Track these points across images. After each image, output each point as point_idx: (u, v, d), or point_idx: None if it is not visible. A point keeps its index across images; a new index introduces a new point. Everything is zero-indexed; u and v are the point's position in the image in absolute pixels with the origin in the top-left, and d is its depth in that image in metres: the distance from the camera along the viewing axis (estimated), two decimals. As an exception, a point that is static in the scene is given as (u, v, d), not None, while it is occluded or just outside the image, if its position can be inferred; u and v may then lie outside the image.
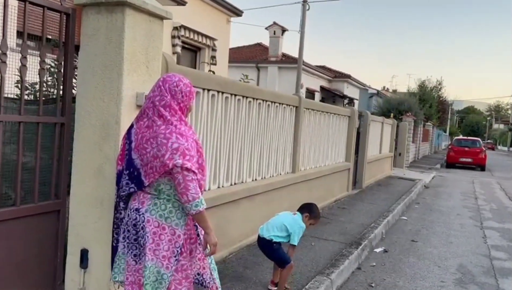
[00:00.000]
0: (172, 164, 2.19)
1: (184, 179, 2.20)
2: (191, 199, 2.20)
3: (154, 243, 2.28)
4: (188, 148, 2.23)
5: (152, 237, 2.28)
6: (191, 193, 2.20)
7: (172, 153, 2.20)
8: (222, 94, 4.33)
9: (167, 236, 2.29)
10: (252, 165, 5.13)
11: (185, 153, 2.21)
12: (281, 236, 3.68)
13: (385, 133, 13.38)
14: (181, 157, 2.19)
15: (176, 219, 2.32)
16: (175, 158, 2.19)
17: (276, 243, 3.67)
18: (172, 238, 2.30)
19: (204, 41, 11.76)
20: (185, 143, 2.23)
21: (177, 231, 2.31)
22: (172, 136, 2.24)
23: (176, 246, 2.30)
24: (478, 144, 21.91)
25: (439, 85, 35.64)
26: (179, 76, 2.43)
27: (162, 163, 2.22)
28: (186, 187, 2.20)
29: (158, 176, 2.26)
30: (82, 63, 2.89)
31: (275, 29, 21.55)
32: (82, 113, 2.89)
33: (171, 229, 2.30)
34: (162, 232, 2.29)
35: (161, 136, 2.24)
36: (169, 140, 2.22)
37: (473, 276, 4.99)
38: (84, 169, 2.88)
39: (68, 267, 2.91)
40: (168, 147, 2.21)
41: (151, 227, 2.28)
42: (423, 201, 10.18)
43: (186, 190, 2.20)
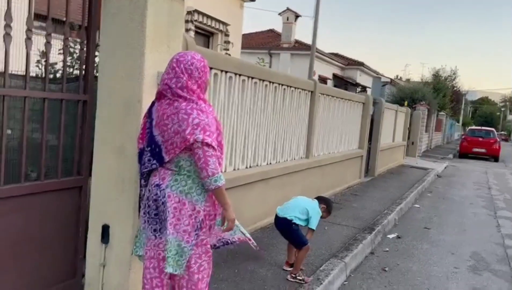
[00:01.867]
0: (193, 139, 2.21)
1: (204, 154, 2.22)
2: (210, 174, 2.22)
3: (175, 217, 2.32)
4: (209, 124, 2.26)
5: (173, 212, 2.32)
6: (211, 169, 2.22)
7: (193, 128, 2.22)
8: (240, 76, 4.33)
9: (187, 211, 2.33)
10: (267, 149, 5.15)
11: (205, 128, 2.23)
12: (301, 219, 3.75)
13: (398, 122, 13.28)
14: (201, 133, 2.22)
15: (196, 195, 2.35)
16: (195, 133, 2.21)
17: (295, 224, 3.72)
18: (192, 213, 2.34)
19: (217, 26, 11.71)
20: (206, 119, 2.26)
21: (197, 206, 2.34)
22: (193, 112, 2.26)
23: (197, 221, 2.34)
24: (492, 134, 21.64)
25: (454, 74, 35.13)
26: (191, 53, 2.42)
27: (183, 138, 2.24)
28: (206, 162, 2.22)
29: (179, 152, 2.29)
30: (104, 42, 2.90)
31: (288, 15, 21.35)
32: (104, 92, 2.91)
33: (191, 204, 2.34)
34: (183, 207, 2.33)
35: (182, 112, 2.27)
36: (190, 116, 2.25)
37: (487, 264, 4.99)
38: (106, 147, 2.91)
39: (89, 243, 2.97)
40: (189, 122, 2.24)
41: (172, 202, 2.32)
42: (436, 190, 10.14)
43: (206, 165, 2.22)
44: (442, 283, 4.25)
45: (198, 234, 2.37)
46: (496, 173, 15.24)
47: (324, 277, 3.76)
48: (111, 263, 2.90)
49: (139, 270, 2.88)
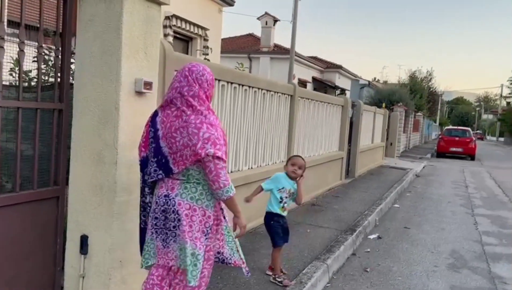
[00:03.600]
0: (204, 153, 2.25)
1: (216, 167, 2.27)
2: (222, 186, 2.28)
3: (187, 225, 2.35)
4: (218, 138, 2.30)
5: (185, 219, 2.35)
6: (222, 180, 2.28)
7: (204, 142, 2.26)
8: (219, 82, 4.32)
9: (198, 217, 2.37)
10: (248, 153, 5.15)
11: (215, 142, 2.27)
12: (271, 200, 3.74)
13: (377, 123, 13.48)
14: (212, 147, 2.26)
15: (206, 200, 2.40)
16: (206, 147, 2.25)
17: (269, 213, 3.73)
18: (202, 219, 2.38)
19: (196, 31, 11.68)
20: (215, 133, 2.30)
21: (207, 212, 2.40)
22: (203, 126, 2.29)
23: (206, 226, 2.39)
24: (468, 134, 22.13)
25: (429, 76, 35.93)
26: (202, 65, 2.49)
27: (193, 152, 2.27)
28: (217, 175, 2.27)
29: (189, 164, 2.32)
30: (79, 49, 2.86)
31: (267, 20, 21.47)
32: (80, 99, 2.87)
33: (201, 210, 2.38)
34: (194, 213, 2.36)
35: (192, 126, 2.30)
36: (200, 130, 2.28)
37: (466, 261, 5.09)
38: (83, 155, 2.87)
39: (68, 254, 2.91)
40: (199, 136, 2.27)
41: (183, 210, 2.35)
42: (415, 189, 10.31)
43: (218, 178, 2.27)
44: (423, 282, 4.31)
45: (206, 239, 2.40)
46: (472, 171, 15.59)
47: (307, 280, 3.77)
48: (90, 274, 2.85)
49: (120, 281, 2.85)
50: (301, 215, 6.05)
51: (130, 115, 2.81)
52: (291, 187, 3.75)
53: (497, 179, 13.64)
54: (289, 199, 3.76)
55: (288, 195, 3.74)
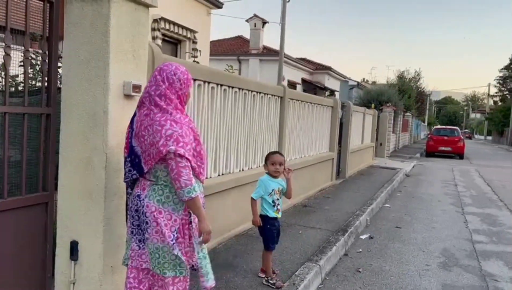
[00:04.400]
0: (165, 150, 2.23)
1: (177, 165, 2.23)
2: (183, 186, 2.23)
3: (155, 228, 2.33)
4: (182, 135, 2.26)
5: (153, 222, 2.33)
6: (184, 180, 2.23)
7: (166, 139, 2.23)
8: (208, 84, 4.31)
9: (163, 220, 2.33)
10: (239, 156, 5.14)
11: (178, 139, 2.24)
12: (264, 204, 3.70)
13: (366, 124, 13.55)
14: (174, 144, 2.22)
15: (173, 203, 2.36)
16: (168, 144, 2.22)
17: (264, 217, 3.69)
18: (168, 222, 2.34)
19: (185, 34, 11.65)
20: (179, 130, 2.26)
21: (173, 215, 2.35)
22: (166, 123, 2.27)
23: (172, 230, 2.34)
24: (457, 133, 22.35)
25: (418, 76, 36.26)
26: (176, 64, 2.46)
27: (157, 149, 2.25)
28: (178, 174, 2.23)
29: (155, 163, 2.30)
30: (67, 53, 2.83)
31: (256, 22, 21.50)
32: (68, 104, 2.84)
33: (167, 213, 2.34)
34: (159, 216, 2.33)
35: (156, 124, 2.28)
36: (163, 127, 2.26)
37: (457, 259, 5.13)
38: (72, 160, 2.83)
39: (58, 260, 2.87)
40: (162, 134, 2.25)
41: (150, 212, 2.34)
42: (405, 189, 10.37)
43: (179, 177, 2.23)
44: (415, 281, 4.33)
45: (174, 243, 2.34)
46: (461, 170, 15.74)
47: (300, 281, 3.76)
48: (81, 280, 2.81)
49: (111, 286, 2.81)
50: (292, 217, 6.05)
51: (119, 119, 2.78)
52: (279, 186, 3.73)
53: (486, 177, 13.79)
54: (280, 199, 3.75)
55: (279, 195, 3.73)
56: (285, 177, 3.72)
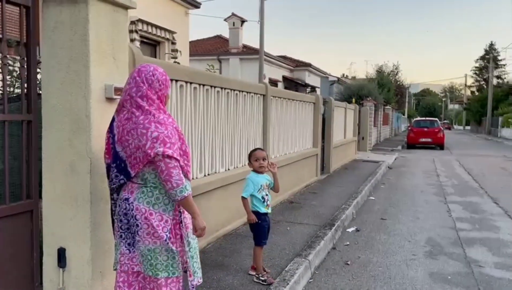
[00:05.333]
0: (153, 153, 2.22)
1: (167, 167, 2.22)
2: (175, 186, 2.23)
3: (146, 230, 2.32)
4: (168, 136, 2.25)
5: (144, 225, 2.32)
6: (175, 180, 2.23)
7: (153, 142, 2.22)
8: (191, 85, 4.30)
9: (155, 221, 2.32)
10: (224, 155, 5.14)
11: (165, 141, 2.23)
12: (254, 202, 3.72)
13: (348, 119, 13.69)
14: (161, 145, 2.22)
15: (163, 205, 2.35)
16: (156, 146, 2.21)
17: (256, 213, 3.70)
18: (159, 223, 2.33)
19: (163, 35, 11.57)
20: (165, 131, 2.26)
21: (164, 216, 2.35)
22: (151, 125, 2.26)
23: (165, 231, 2.34)
24: (436, 124, 22.77)
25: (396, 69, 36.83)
26: (154, 66, 2.44)
27: (144, 153, 2.24)
28: (169, 174, 2.23)
29: (143, 166, 2.29)
30: (46, 58, 2.79)
31: (234, 20, 21.47)
32: (49, 109, 2.79)
33: (158, 214, 2.34)
34: (150, 217, 2.32)
35: (140, 127, 2.27)
36: (148, 130, 2.25)
37: (442, 248, 5.23)
38: (55, 167, 2.80)
39: (46, 268, 2.83)
40: (148, 136, 2.23)
41: (140, 215, 2.33)
42: (388, 181, 10.52)
43: (170, 177, 2.23)
44: (402, 271, 4.41)
45: (167, 243, 2.34)
46: (442, 160, 16.04)
47: (290, 277, 3.79)
48: (70, 287, 2.78)
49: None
50: (280, 213, 6.08)
51: (102, 123, 2.75)
52: (266, 181, 3.77)
53: (466, 166, 14.09)
54: (269, 194, 3.78)
55: (267, 191, 3.76)
56: (270, 171, 3.75)
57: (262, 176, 3.76)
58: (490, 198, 8.52)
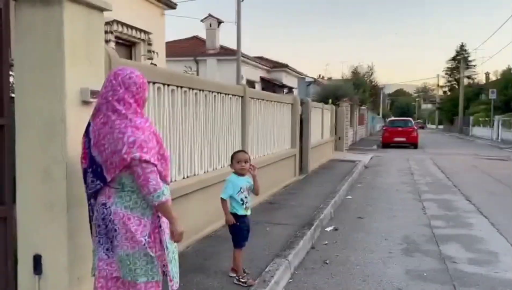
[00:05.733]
0: (130, 158, 2.19)
1: (144, 172, 2.20)
2: (152, 191, 2.21)
3: (124, 235, 2.30)
4: (145, 140, 2.23)
5: (122, 230, 2.30)
6: (152, 185, 2.21)
7: (129, 146, 2.20)
8: (168, 87, 4.27)
9: (133, 226, 2.30)
10: (203, 157, 5.12)
11: (142, 145, 2.21)
12: (232, 203, 3.72)
13: (325, 119, 13.84)
14: (138, 150, 2.19)
15: (141, 209, 2.33)
16: (132, 151, 2.19)
17: (233, 215, 3.70)
18: (138, 228, 2.31)
19: (139, 36, 11.42)
20: (142, 135, 2.23)
21: (142, 220, 2.33)
22: (127, 130, 2.23)
23: (143, 235, 2.32)
24: (410, 123, 23.27)
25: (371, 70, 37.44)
26: (130, 69, 2.41)
27: (120, 157, 2.21)
28: (146, 179, 2.21)
29: (119, 171, 2.26)
30: (19, 60, 2.73)
31: (211, 22, 21.42)
32: (23, 113, 2.73)
33: (136, 219, 2.32)
34: (128, 222, 2.30)
35: (116, 131, 2.24)
36: (125, 135, 2.22)
37: (418, 245, 5.35)
38: (30, 172, 2.74)
39: (21, 275, 2.76)
40: (124, 141, 2.21)
41: (118, 219, 2.30)
42: (365, 180, 10.69)
43: (147, 182, 2.21)
44: (379, 268, 4.49)
45: (146, 247, 2.32)
46: (416, 159, 16.40)
47: (270, 278, 3.81)
48: (47, 295, 2.72)
49: (79, 298, 2.73)
50: (259, 214, 6.09)
51: (77, 127, 2.70)
52: (246, 183, 3.77)
53: (440, 164, 14.44)
54: (249, 197, 3.78)
55: (247, 193, 3.76)
56: (250, 174, 3.76)
57: (243, 179, 3.76)
58: (463, 195, 8.76)
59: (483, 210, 7.32)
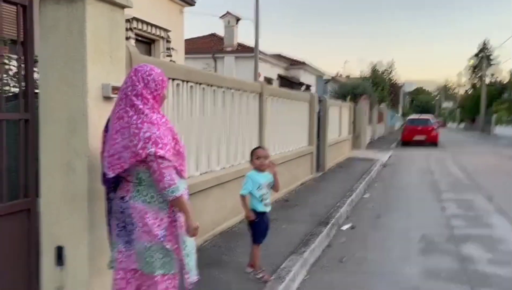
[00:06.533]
0: (145, 153, 2.23)
1: (159, 167, 2.24)
2: (167, 186, 2.25)
3: (142, 228, 2.34)
4: (160, 136, 2.26)
5: (139, 223, 2.34)
6: (167, 180, 2.25)
7: (145, 142, 2.23)
8: (187, 83, 4.31)
9: (150, 220, 2.34)
10: (220, 154, 5.16)
11: (157, 141, 2.24)
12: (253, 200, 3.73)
13: (343, 117, 13.75)
14: (153, 146, 2.23)
15: (158, 203, 2.37)
16: (147, 147, 2.23)
17: (253, 211, 3.71)
18: (155, 221, 2.35)
19: (158, 33, 11.53)
20: (157, 131, 2.27)
21: (160, 214, 2.37)
22: (143, 125, 2.26)
23: (161, 228, 2.36)
24: (430, 122, 22.89)
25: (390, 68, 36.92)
26: (151, 66, 2.45)
27: (133, 153, 2.25)
28: (161, 175, 2.25)
29: (126, 166, 2.28)
30: (43, 56, 2.80)
31: (229, 19, 21.43)
32: (47, 108, 2.80)
33: (153, 213, 2.35)
34: (145, 216, 2.34)
35: (133, 126, 2.27)
36: (141, 130, 2.25)
37: (436, 244, 5.29)
38: (53, 166, 2.80)
39: (44, 266, 2.84)
40: (140, 137, 2.24)
41: (136, 213, 2.34)
42: (383, 179, 10.59)
43: (162, 177, 2.25)
44: (397, 268, 4.45)
45: (163, 241, 2.36)
46: (436, 158, 16.14)
47: (286, 274, 3.82)
48: (68, 286, 2.79)
49: (99, 289, 2.80)
50: (275, 212, 6.09)
51: (99, 121, 2.75)
52: (266, 179, 3.77)
53: (460, 163, 14.19)
54: (268, 193, 3.78)
55: (267, 190, 3.76)
56: (270, 170, 3.77)
57: (263, 175, 3.77)
58: (484, 195, 8.60)
59: (504, 211, 7.18)
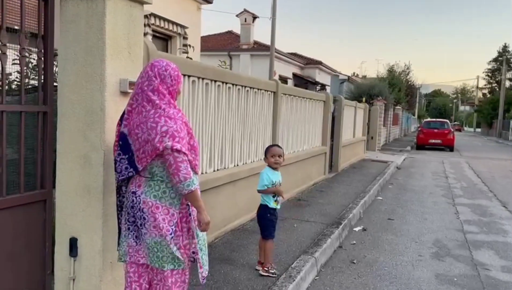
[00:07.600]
0: (162, 146, 2.25)
1: (175, 161, 2.26)
2: (182, 180, 2.27)
3: (150, 223, 2.37)
4: (177, 130, 2.29)
5: (150, 218, 2.36)
6: (183, 174, 2.27)
7: (162, 136, 2.26)
8: (203, 80, 4.33)
9: (160, 215, 2.36)
10: (233, 151, 5.17)
11: (174, 135, 2.27)
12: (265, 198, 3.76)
13: (358, 118, 13.64)
14: (170, 139, 2.25)
15: (170, 198, 2.39)
16: (164, 140, 2.25)
17: (264, 206, 3.75)
18: (165, 217, 2.37)
19: (175, 29, 11.59)
20: (174, 125, 2.29)
21: (171, 210, 2.39)
22: (160, 119, 2.29)
23: (171, 224, 2.38)
24: (447, 125, 22.58)
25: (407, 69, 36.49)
26: (167, 61, 2.47)
27: (153, 146, 2.28)
28: (177, 168, 2.26)
29: (151, 160, 2.32)
30: (62, 50, 2.84)
31: (246, 16, 21.45)
32: (65, 101, 2.84)
33: (164, 208, 2.38)
34: (156, 211, 2.36)
35: (150, 121, 2.30)
36: (158, 124, 2.28)
37: (449, 249, 5.22)
38: (69, 158, 2.85)
39: (57, 257, 2.89)
40: (157, 130, 2.27)
41: (147, 208, 2.37)
42: (396, 181, 10.49)
43: (178, 171, 2.26)
44: (408, 271, 4.41)
45: (172, 237, 2.38)
46: (452, 162, 15.93)
47: (296, 274, 3.82)
48: (81, 277, 2.83)
49: (111, 282, 2.84)
50: (287, 211, 6.11)
51: (115, 116, 2.78)
52: (278, 179, 3.83)
53: (476, 169, 13.98)
54: None
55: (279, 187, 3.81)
56: None
57: (277, 173, 3.81)
58: (499, 201, 8.47)
59: (520, 218, 7.07)
